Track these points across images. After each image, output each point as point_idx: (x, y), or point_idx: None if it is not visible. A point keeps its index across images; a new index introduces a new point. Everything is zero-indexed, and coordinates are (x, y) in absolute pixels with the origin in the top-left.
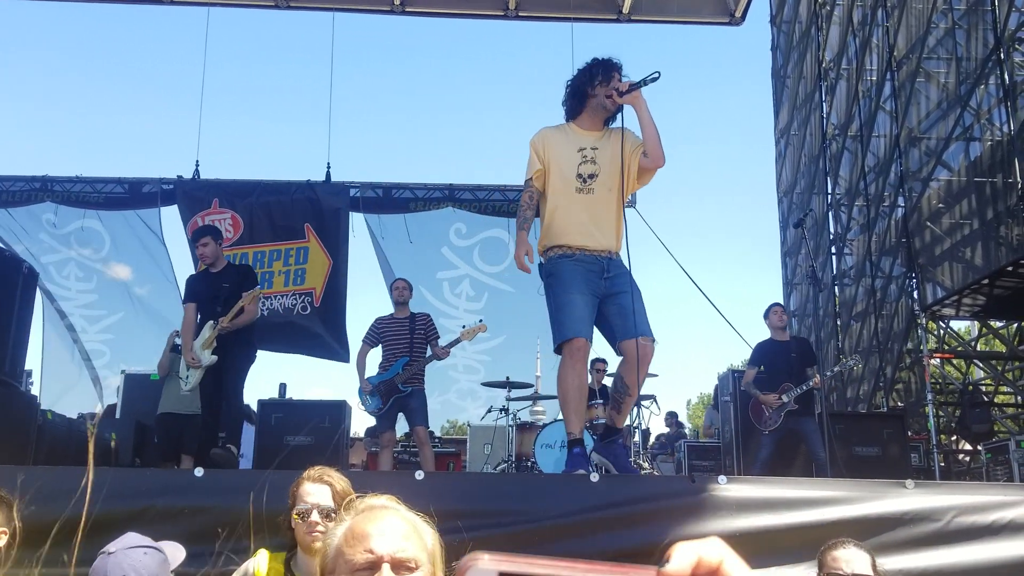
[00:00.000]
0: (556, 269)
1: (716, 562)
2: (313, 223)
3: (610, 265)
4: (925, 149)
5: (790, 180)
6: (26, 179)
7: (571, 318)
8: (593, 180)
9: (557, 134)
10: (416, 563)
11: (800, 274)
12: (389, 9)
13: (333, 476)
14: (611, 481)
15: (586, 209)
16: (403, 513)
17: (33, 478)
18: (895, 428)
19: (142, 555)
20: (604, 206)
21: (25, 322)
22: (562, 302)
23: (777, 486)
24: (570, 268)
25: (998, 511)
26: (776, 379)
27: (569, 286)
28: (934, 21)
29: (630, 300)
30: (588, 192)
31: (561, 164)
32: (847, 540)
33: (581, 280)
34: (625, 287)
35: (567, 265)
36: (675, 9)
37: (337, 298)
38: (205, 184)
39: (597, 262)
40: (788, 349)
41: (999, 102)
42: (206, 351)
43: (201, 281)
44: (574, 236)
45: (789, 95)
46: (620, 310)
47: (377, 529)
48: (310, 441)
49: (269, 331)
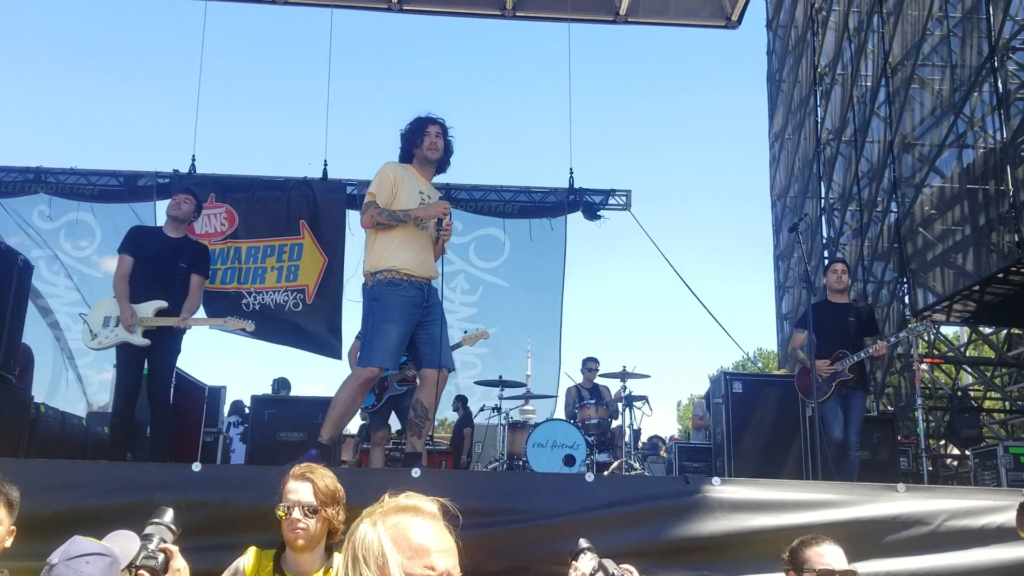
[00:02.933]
0: (380, 294)
1: None
2: (308, 220)
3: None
4: (918, 155)
5: (784, 184)
6: (19, 170)
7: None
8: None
9: (403, 172)
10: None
11: (793, 277)
12: (387, 7)
13: (316, 473)
14: (606, 481)
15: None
16: (442, 524)
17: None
18: (885, 432)
19: (84, 564)
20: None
21: (20, 315)
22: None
23: (770, 488)
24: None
25: (988, 515)
26: (828, 346)
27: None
28: (929, 28)
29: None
30: (423, 229)
31: (405, 200)
32: (822, 536)
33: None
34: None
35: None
36: (672, 11)
37: (331, 295)
38: (201, 178)
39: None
40: (846, 313)
41: (992, 110)
42: (139, 329)
43: (152, 240)
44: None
45: (784, 99)
46: (430, 339)
47: (438, 545)
48: (303, 437)
49: (260, 324)
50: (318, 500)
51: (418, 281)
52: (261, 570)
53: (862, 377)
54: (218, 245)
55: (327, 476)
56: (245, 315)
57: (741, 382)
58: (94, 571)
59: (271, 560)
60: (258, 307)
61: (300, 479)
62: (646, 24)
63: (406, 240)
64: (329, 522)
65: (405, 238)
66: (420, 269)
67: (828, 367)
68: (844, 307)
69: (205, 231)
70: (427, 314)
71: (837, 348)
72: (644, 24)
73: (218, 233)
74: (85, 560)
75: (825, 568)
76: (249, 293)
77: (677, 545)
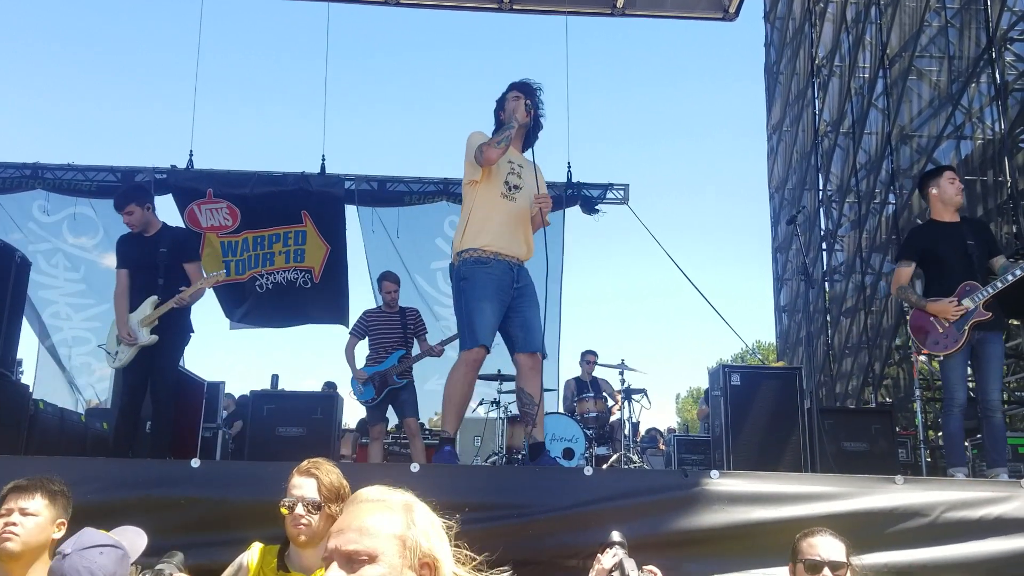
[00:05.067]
0: (469, 273)
1: None
2: (309, 211)
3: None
4: (916, 147)
5: (782, 176)
6: (16, 166)
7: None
8: (518, 191)
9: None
10: (369, 554)
11: (791, 270)
12: (384, 1)
13: (322, 469)
14: (605, 475)
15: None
16: (371, 505)
17: (26, 468)
18: (883, 424)
19: (98, 555)
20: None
21: (18, 311)
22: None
23: (769, 481)
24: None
25: (986, 507)
26: (947, 278)
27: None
28: (927, 19)
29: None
30: (512, 200)
31: (496, 166)
32: (822, 528)
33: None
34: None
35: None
36: (669, 4)
37: (337, 277)
38: (199, 174)
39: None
40: (961, 234)
41: (991, 101)
42: (144, 329)
43: (134, 246)
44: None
45: (782, 91)
46: (523, 322)
47: (337, 526)
48: (302, 432)
49: (270, 306)
50: (321, 496)
51: (506, 260)
52: (265, 566)
53: (997, 312)
54: (226, 238)
55: (332, 472)
56: (259, 296)
57: (739, 375)
58: (107, 562)
59: (275, 556)
60: (271, 286)
61: (305, 475)
62: (643, 17)
63: (493, 217)
64: (332, 518)
65: (492, 215)
66: (508, 248)
67: (954, 308)
68: (956, 226)
69: (211, 224)
70: (519, 295)
71: (962, 280)
72: (641, 17)
73: (223, 227)
74: (99, 551)
75: (811, 559)
76: (261, 275)
77: (676, 538)
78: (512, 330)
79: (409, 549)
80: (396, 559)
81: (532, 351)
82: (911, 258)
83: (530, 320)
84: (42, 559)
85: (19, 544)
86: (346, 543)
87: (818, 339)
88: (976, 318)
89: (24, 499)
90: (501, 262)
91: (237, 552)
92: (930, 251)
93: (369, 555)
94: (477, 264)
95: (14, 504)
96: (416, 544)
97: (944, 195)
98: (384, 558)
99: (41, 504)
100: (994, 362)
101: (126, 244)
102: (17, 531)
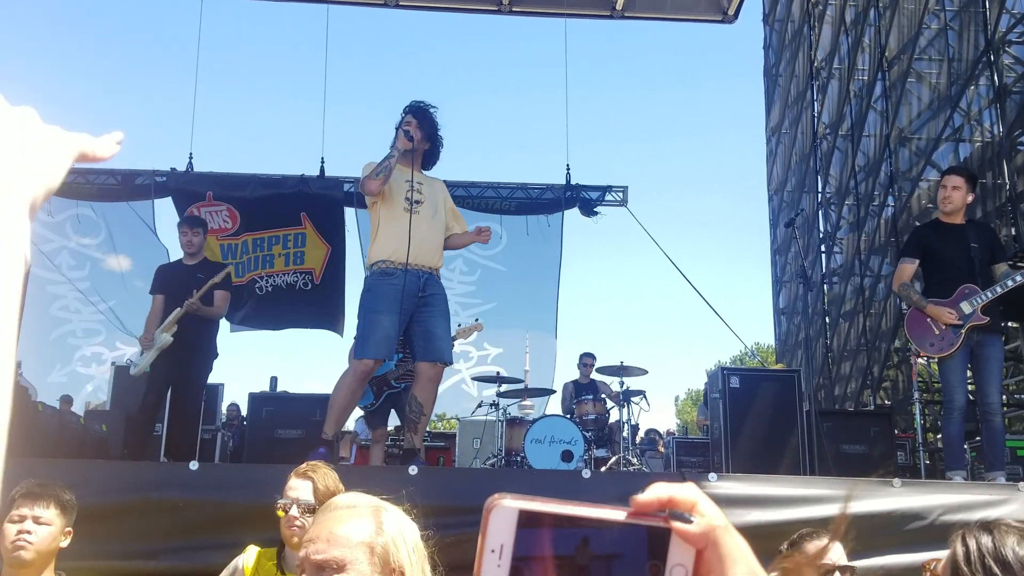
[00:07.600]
0: (373, 285)
1: (690, 503)
2: (309, 213)
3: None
4: (915, 149)
5: (781, 178)
6: None
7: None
8: (420, 205)
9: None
10: (338, 563)
11: (790, 272)
12: (383, 3)
13: (319, 472)
14: (602, 478)
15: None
16: (341, 513)
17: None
18: (882, 426)
19: None
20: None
21: None
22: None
23: (766, 484)
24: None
25: (983, 510)
26: (947, 280)
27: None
28: (925, 22)
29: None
30: (416, 213)
31: (394, 187)
32: (817, 530)
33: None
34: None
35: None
36: (668, 6)
37: (336, 280)
38: (199, 177)
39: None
40: (964, 236)
41: (989, 103)
42: (164, 333)
43: (175, 273)
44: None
45: (781, 93)
46: (425, 331)
47: (308, 536)
48: (301, 435)
49: (269, 309)
50: (317, 499)
51: (414, 270)
52: (261, 569)
53: (995, 316)
54: (225, 241)
55: (329, 476)
56: (259, 298)
57: (738, 377)
58: None
59: (272, 559)
60: (270, 289)
61: (302, 477)
62: (643, 19)
63: (397, 230)
64: None
65: (396, 228)
66: (416, 257)
67: (950, 312)
68: (960, 229)
69: (211, 227)
70: (425, 304)
71: (962, 282)
72: (641, 19)
73: (223, 230)
74: None
75: (825, 564)
76: (260, 277)
77: None
78: (414, 338)
79: (378, 556)
80: (365, 567)
81: (431, 360)
82: (913, 255)
83: (432, 330)
84: (48, 568)
85: (32, 553)
86: (315, 553)
87: (817, 341)
88: (973, 322)
89: (38, 507)
90: (408, 272)
91: (234, 555)
92: (932, 250)
93: (338, 564)
94: (383, 276)
95: (28, 511)
96: (384, 551)
97: (942, 198)
98: (353, 567)
99: (54, 513)
100: (993, 365)
101: (168, 273)
102: (31, 539)
